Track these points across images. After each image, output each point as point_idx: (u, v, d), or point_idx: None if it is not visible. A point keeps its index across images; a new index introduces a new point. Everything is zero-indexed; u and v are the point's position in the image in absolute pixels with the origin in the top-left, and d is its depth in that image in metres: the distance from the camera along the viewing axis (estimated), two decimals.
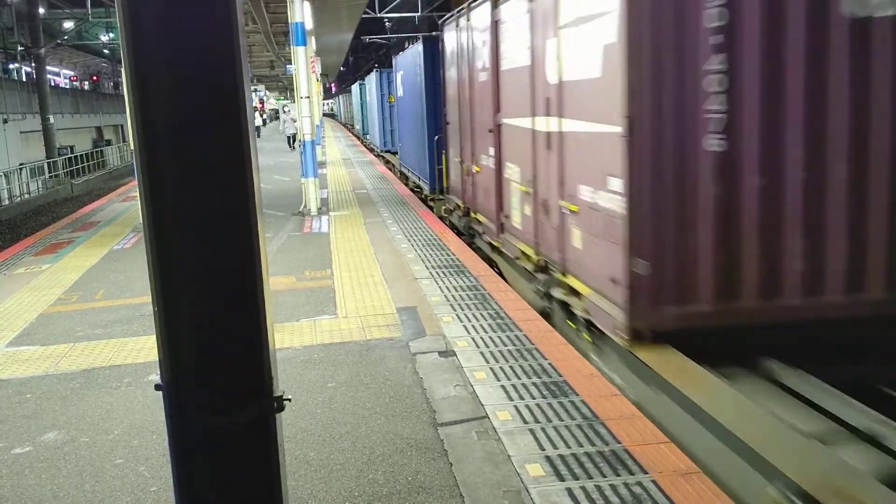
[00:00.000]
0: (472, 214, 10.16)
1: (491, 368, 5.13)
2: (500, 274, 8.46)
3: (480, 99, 9.22)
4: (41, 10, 33.04)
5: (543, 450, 3.94)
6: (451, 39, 10.95)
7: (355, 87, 40.48)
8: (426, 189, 14.34)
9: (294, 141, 29.67)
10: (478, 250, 9.68)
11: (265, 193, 15.06)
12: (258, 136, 37.62)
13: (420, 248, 9.36)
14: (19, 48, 34.06)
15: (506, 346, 5.57)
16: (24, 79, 39.13)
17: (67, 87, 51.46)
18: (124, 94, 2.13)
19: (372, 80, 27.71)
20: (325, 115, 75.20)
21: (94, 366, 5.57)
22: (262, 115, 53.59)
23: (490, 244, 9.16)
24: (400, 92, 18.17)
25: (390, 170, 21.74)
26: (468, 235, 10.45)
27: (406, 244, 9.64)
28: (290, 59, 13.83)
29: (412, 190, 16.38)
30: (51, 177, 29.56)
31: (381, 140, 25.39)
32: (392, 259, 8.82)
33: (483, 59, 8.92)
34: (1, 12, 33.82)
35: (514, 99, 7.61)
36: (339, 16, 23.87)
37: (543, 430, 4.17)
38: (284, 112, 37.48)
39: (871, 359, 4.72)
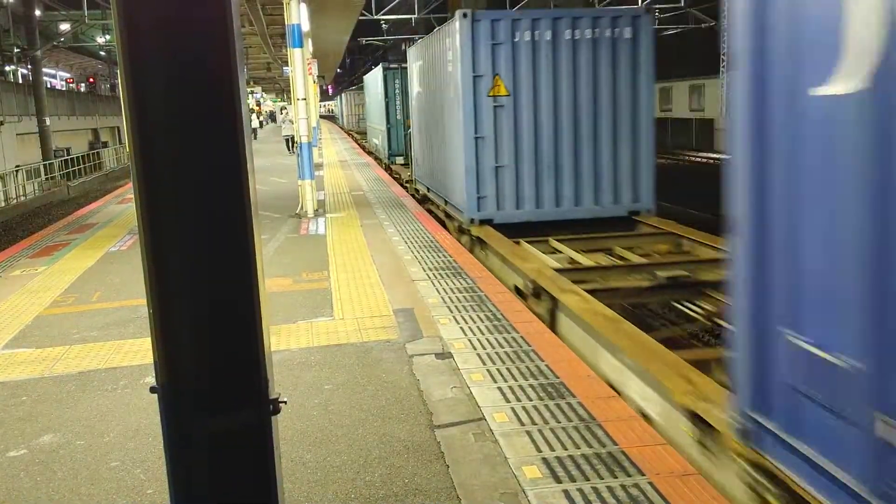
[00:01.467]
0: None
1: (488, 370, 5.13)
2: None
3: None
4: (37, 12, 32.98)
5: (540, 452, 3.93)
6: None
7: (374, 77, 24.12)
8: None
9: (293, 143, 28.61)
10: None
11: (262, 195, 15.06)
12: (255, 138, 37.55)
13: (417, 249, 9.35)
14: (15, 50, 34.02)
15: (503, 347, 5.57)
16: (20, 81, 39.06)
17: (64, 88, 51.39)
18: (120, 96, 2.13)
19: (442, 44, 11.11)
20: (322, 116, 74.25)
21: (90, 368, 5.56)
22: (258, 118, 53.41)
23: None
24: None
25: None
26: None
27: (403, 246, 9.64)
28: (287, 61, 13.82)
29: None
30: (47, 179, 29.50)
31: (469, 198, 10.07)
32: (389, 261, 8.81)
33: None
34: None
35: None
36: (336, 17, 23.85)
37: (540, 431, 4.17)
38: (283, 112, 37.24)
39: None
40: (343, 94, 56.65)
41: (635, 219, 10.03)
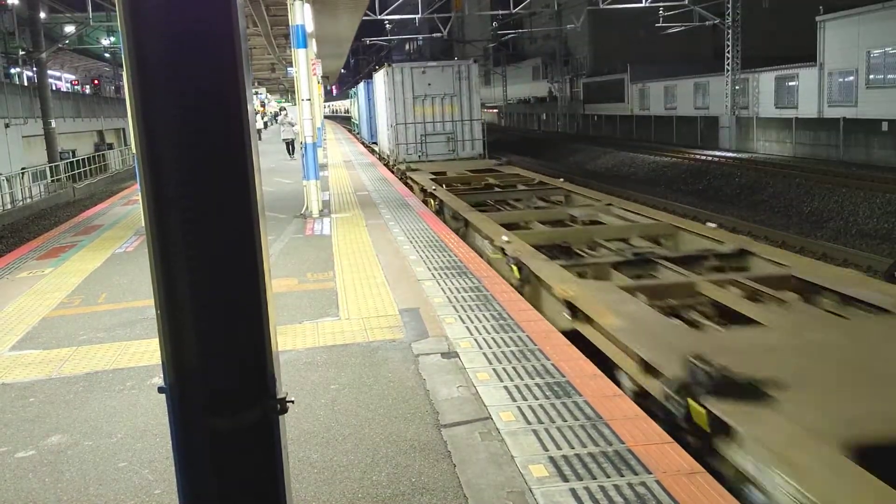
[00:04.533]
0: None
1: (494, 369, 5.12)
2: None
3: None
4: (42, 15, 33.10)
5: (547, 450, 3.93)
6: None
7: None
8: None
9: (292, 147, 26.74)
10: None
11: (267, 196, 15.07)
12: (259, 138, 37.45)
13: (422, 249, 9.36)
14: (21, 52, 34.14)
15: (508, 346, 5.57)
16: (25, 83, 39.19)
17: (69, 90, 51.53)
18: (126, 97, 2.13)
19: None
20: (327, 117, 73.36)
21: (97, 369, 5.58)
22: (263, 118, 53.30)
23: None
24: None
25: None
26: None
27: (408, 246, 9.64)
28: (291, 62, 13.84)
29: None
30: (53, 181, 29.60)
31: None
32: (394, 261, 8.81)
33: None
34: (2, 17, 33.88)
35: None
36: (340, 18, 23.87)
37: (547, 430, 4.16)
38: (281, 113, 36.45)
39: None
40: (377, 78, 25.92)
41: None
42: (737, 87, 31.38)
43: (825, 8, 27.88)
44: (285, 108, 38.90)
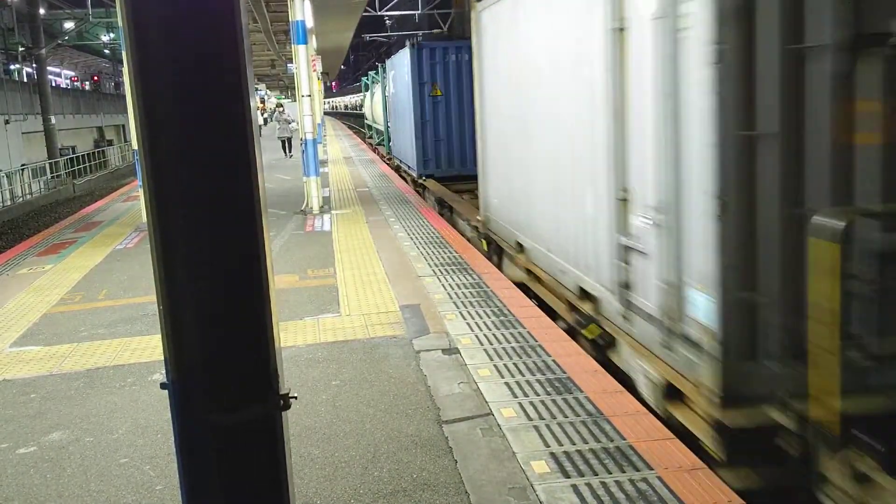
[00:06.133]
0: None
1: (495, 365, 5.13)
2: None
3: None
4: (42, 11, 33.07)
5: (548, 447, 3.93)
6: None
7: None
8: None
9: (289, 146, 25.58)
10: None
11: (267, 192, 15.06)
12: (259, 135, 37.13)
13: (422, 245, 9.36)
14: (20, 49, 34.12)
15: (510, 342, 5.57)
16: (25, 79, 39.18)
17: (68, 87, 51.50)
18: (126, 94, 2.11)
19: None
20: (327, 113, 73.16)
21: (98, 365, 5.58)
22: (263, 115, 53.20)
23: None
24: None
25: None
26: None
27: (408, 242, 9.64)
28: (291, 58, 13.83)
29: None
30: (53, 177, 29.59)
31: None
32: (395, 257, 8.81)
33: None
34: (1, 13, 33.86)
35: None
36: (340, 13, 23.84)
37: (548, 426, 4.17)
38: (278, 110, 35.45)
39: None
40: (403, 55, 16.07)
41: None
42: None
43: None
44: (282, 106, 38.21)
